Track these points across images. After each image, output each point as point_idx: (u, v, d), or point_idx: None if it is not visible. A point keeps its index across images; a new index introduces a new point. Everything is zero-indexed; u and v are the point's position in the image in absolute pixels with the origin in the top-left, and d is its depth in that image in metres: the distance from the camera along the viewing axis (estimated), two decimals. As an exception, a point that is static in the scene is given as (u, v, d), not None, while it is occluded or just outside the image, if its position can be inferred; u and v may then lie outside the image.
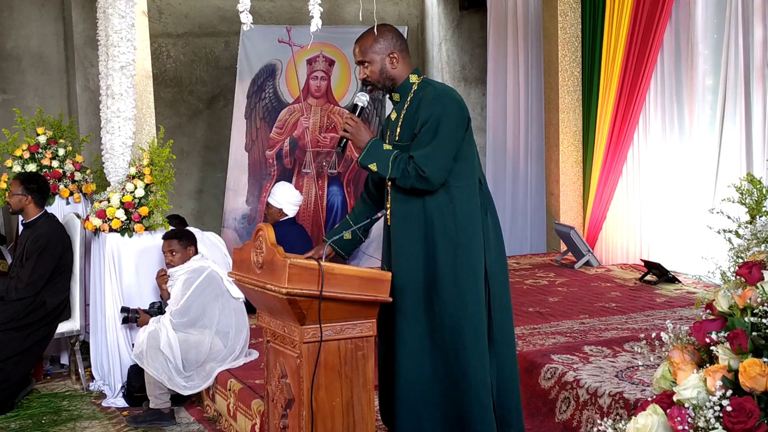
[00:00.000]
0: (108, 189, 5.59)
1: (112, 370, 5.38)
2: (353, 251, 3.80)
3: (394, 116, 3.56)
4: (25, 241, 5.47)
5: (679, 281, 6.19)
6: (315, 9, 3.59)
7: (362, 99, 3.56)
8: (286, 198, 6.70)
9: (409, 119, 3.46)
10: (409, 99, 3.49)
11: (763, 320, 2.24)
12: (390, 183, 3.48)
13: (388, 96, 3.62)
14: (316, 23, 3.58)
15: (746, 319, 2.27)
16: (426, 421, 3.38)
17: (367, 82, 3.53)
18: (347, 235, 3.65)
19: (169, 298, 5.14)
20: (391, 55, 3.48)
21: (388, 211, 3.51)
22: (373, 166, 3.43)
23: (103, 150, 5.61)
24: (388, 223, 3.54)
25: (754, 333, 2.24)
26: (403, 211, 3.45)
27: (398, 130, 3.50)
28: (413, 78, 3.52)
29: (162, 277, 5.23)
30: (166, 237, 5.17)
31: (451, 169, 3.39)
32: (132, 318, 5.19)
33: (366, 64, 3.49)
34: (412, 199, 3.43)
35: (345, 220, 3.75)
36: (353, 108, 3.56)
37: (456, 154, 3.40)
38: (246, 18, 3.69)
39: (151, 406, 4.89)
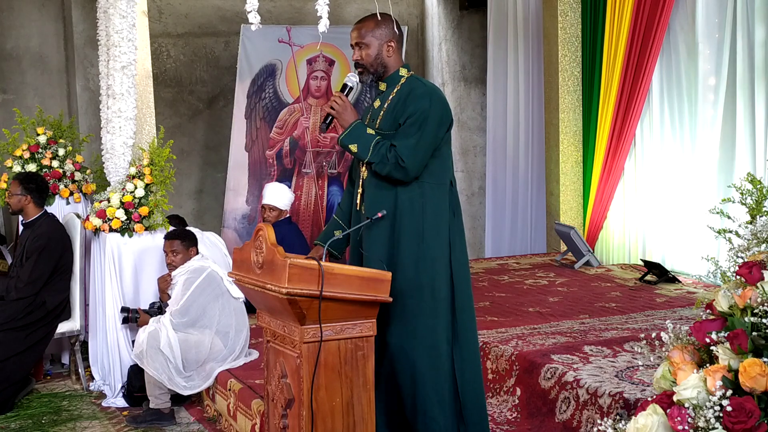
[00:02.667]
0: (108, 189, 5.59)
1: (112, 370, 5.38)
2: (346, 249, 3.81)
3: (377, 104, 3.61)
4: (25, 240, 5.47)
5: (679, 281, 6.19)
6: (323, 9, 3.59)
7: (352, 79, 3.61)
8: (288, 197, 6.69)
9: (393, 110, 3.51)
10: (395, 91, 3.54)
11: (763, 320, 2.24)
12: (365, 169, 3.53)
13: (375, 84, 3.65)
14: (324, 23, 3.58)
15: (746, 319, 2.27)
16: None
17: (359, 65, 3.58)
18: (338, 233, 3.67)
19: (167, 301, 5.14)
20: (389, 43, 3.54)
21: (359, 197, 3.56)
22: (354, 147, 3.49)
23: (104, 150, 5.61)
24: (359, 209, 3.58)
25: (754, 333, 2.24)
26: (374, 198, 3.50)
27: (379, 119, 3.55)
28: (403, 71, 3.59)
29: (165, 282, 5.21)
30: (168, 237, 5.17)
31: (427, 165, 3.46)
32: (132, 318, 5.20)
33: (363, 46, 3.54)
34: (384, 188, 3.48)
35: (333, 219, 3.77)
36: (343, 87, 3.61)
37: (433, 152, 3.47)
38: (254, 18, 3.68)
39: (151, 406, 4.89)
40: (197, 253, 5.10)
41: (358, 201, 3.58)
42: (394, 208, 3.46)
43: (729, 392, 2.19)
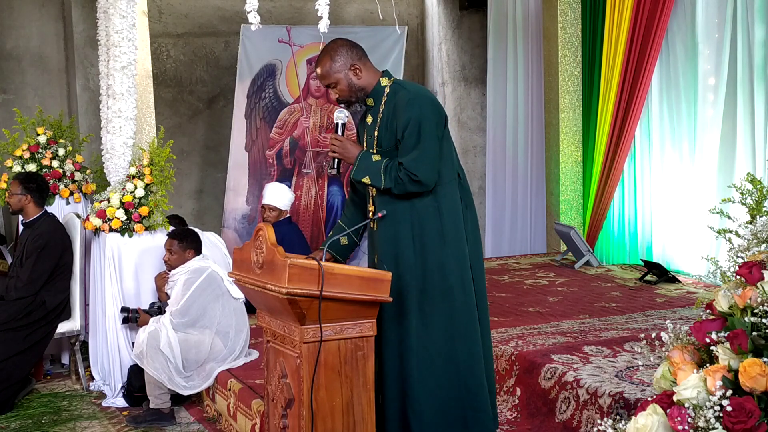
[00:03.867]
0: (108, 189, 5.59)
1: (112, 370, 5.38)
2: (350, 255, 3.81)
3: (369, 120, 3.59)
4: (25, 240, 5.47)
5: (679, 281, 6.19)
6: (324, 9, 3.59)
7: (341, 117, 3.58)
8: (288, 197, 6.69)
9: (387, 124, 3.49)
10: (383, 102, 3.52)
11: (763, 320, 2.24)
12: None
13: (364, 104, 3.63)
14: (325, 23, 3.58)
15: (746, 319, 2.27)
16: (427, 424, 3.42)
17: (341, 101, 3.56)
18: (343, 240, 3.67)
19: (165, 300, 5.15)
20: (353, 68, 3.49)
21: (370, 213, 3.55)
22: (366, 180, 3.48)
23: (104, 150, 5.61)
24: (372, 226, 3.56)
25: (754, 333, 2.24)
26: (390, 213, 3.48)
27: (376, 134, 3.53)
28: (384, 81, 3.54)
29: (162, 279, 5.22)
30: (169, 235, 5.21)
31: None
32: (132, 318, 5.20)
33: (333, 84, 3.51)
34: (399, 202, 3.47)
35: (338, 225, 3.76)
36: (336, 127, 3.58)
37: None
38: (254, 18, 3.69)
39: (151, 406, 4.89)
40: (195, 255, 5.09)
41: (370, 216, 3.56)
42: (410, 220, 3.46)
43: (729, 392, 2.19)
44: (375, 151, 3.51)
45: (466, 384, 3.46)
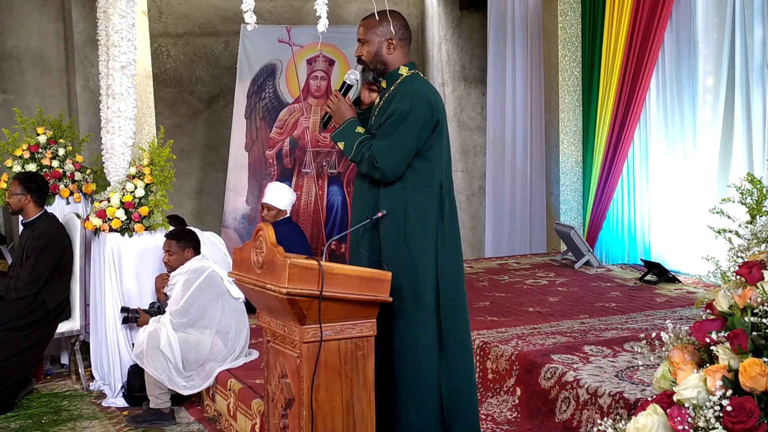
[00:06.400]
0: (108, 189, 5.59)
1: (112, 370, 5.38)
2: None
3: (377, 101, 3.60)
4: (25, 240, 5.47)
5: (679, 281, 6.19)
6: (322, 9, 3.59)
7: (351, 78, 3.60)
8: (289, 197, 6.68)
9: (383, 108, 3.50)
10: (391, 89, 3.52)
11: (763, 320, 2.24)
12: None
13: (378, 80, 3.63)
14: (323, 23, 3.58)
15: (746, 319, 2.27)
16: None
17: (360, 61, 3.57)
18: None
19: (164, 301, 5.15)
20: (389, 41, 3.50)
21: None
22: (341, 145, 3.52)
23: (104, 150, 5.61)
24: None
25: (754, 333, 2.24)
26: (360, 200, 3.51)
27: (374, 117, 3.55)
28: (403, 70, 3.53)
29: (162, 280, 5.22)
30: (167, 236, 5.20)
31: (413, 166, 3.41)
32: (132, 318, 5.20)
33: (364, 42, 3.53)
34: (369, 189, 3.49)
35: None
36: (342, 85, 3.61)
37: (419, 154, 3.41)
38: (250, 18, 3.69)
39: (151, 406, 4.89)
40: (194, 254, 5.09)
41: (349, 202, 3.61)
42: (376, 208, 3.44)
43: (729, 392, 2.19)
44: (369, 130, 3.52)
45: (397, 387, 3.38)
